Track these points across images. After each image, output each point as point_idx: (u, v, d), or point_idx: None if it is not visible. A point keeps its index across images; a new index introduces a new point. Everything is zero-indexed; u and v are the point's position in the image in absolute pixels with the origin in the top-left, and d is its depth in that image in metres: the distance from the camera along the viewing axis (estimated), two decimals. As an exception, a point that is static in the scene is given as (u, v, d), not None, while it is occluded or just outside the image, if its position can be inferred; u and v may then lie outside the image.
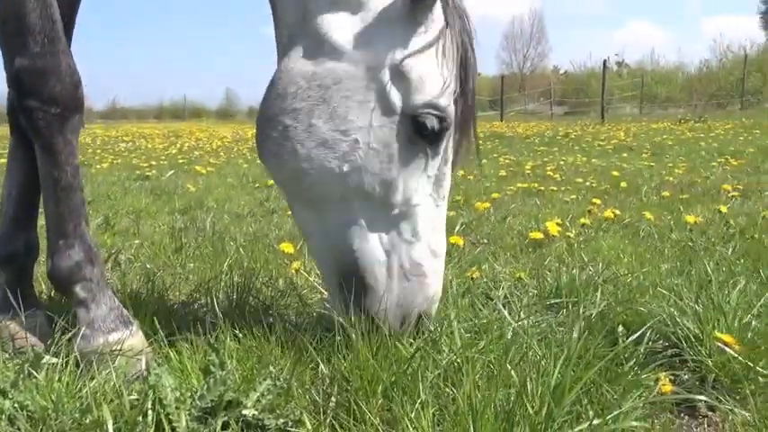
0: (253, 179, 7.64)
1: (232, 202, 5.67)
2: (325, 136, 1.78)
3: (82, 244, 1.81)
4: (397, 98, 1.80)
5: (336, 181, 1.80)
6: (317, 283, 2.51)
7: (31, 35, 1.70)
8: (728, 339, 1.85)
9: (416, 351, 1.71)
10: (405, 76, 1.79)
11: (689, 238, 3.58)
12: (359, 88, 1.79)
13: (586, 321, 2.08)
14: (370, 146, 1.79)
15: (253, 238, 3.72)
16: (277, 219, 4.74)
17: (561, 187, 6.17)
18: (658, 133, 15.15)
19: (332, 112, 1.78)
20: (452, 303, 2.22)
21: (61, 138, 1.76)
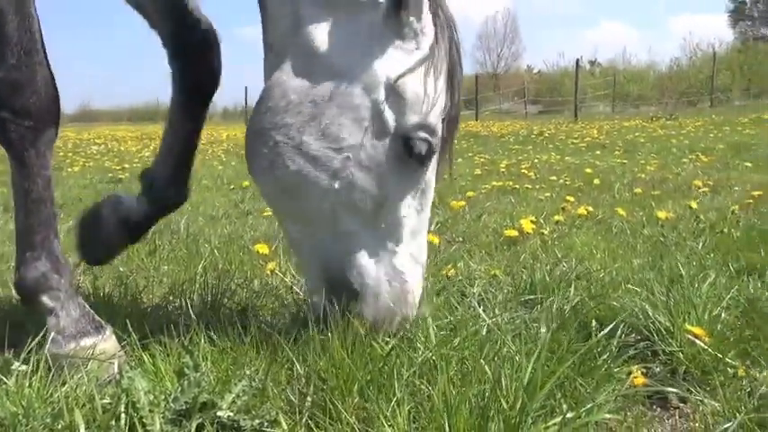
0: (228, 181, 7.60)
1: (207, 204, 5.63)
2: (316, 153, 1.77)
3: (49, 256, 1.80)
4: (391, 117, 1.80)
5: (327, 197, 1.80)
6: (293, 283, 2.51)
7: (7, 46, 1.68)
8: (699, 332, 1.88)
9: (392, 349, 1.72)
10: (399, 95, 1.79)
11: (660, 233, 3.63)
12: (353, 106, 1.78)
13: (560, 317, 2.10)
14: (362, 164, 1.79)
15: (228, 239, 3.69)
16: (252, 220, 4.72)
17: (535, 185, 6.22)
18: (630, 131, 15.34)
19: (324, 130, 1.77)
20: (428, 301, 2.23)
21: (34, 151, 1.74)
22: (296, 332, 1.93)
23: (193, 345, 1.84)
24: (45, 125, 1.75)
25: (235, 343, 1.90)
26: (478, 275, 2.78)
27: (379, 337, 1.83)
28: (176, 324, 2.12)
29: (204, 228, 4.32)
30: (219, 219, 4.81)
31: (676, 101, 37.34)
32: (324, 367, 1.70)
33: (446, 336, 1.91)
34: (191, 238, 3.65)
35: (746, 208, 4.29)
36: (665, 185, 5.97)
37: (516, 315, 2.19)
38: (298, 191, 1.80)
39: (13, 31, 1.68)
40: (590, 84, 40.85)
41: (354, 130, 1.78)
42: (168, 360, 1.74)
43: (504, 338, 1.85)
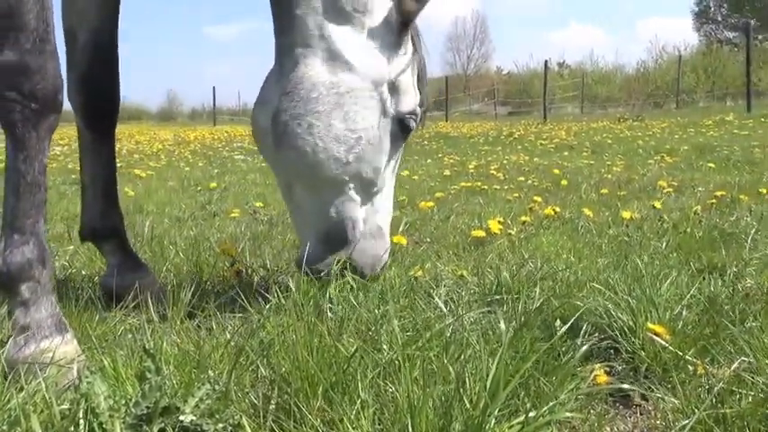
0: (195, 182, 7.54)
1: (173, 206, 5.57)
2: (339, 133, 2.28)
3: (37, 243, 1.78)
4: (391, 105, 2.40)
5: (343, 168, 2.31)
6: (259, 286, 2.50)
7: (24, 32, 1.72)
8: (660, 330, 1.92)
9: (356, 350, 1.72)
10: (396, 90, 2.40)
11: (625, 233, 3.69)
12: (366, 97, 2.32)
13: (525, 316, 2.12)
14: (370, 142, 2.33)
15: (194, 241, 3.66)
16: (219, 222, 4.69)
17: (504, 186, 6.29)
18: (598, 132, 15.57)
19: (345, 115, 2.28)
20: (394, 302, 2.24)
21: (35, 134, 1.76)
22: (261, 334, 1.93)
23: (155, 348, 1.82)
24: (49, 111, 1.78)
25: (198, 346, 1.88)
26: (445, 276, 2.80)
27: (344, 338, 1.83)
28: (139, 327, 2.11)
29: (169, 230, 4.27)
30: (185, 220, 4.77)
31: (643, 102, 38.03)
32: (288, 369, 1.69)
33: (411, 336, 1.92)
34: (155, 240, 3.60)
35: (709, 208, 4.39)
36: (630, 186, 6.08)
37: (482, 315, 2.21)
38: (322, 163, 2.29)
39: (31, 19, 1.73)
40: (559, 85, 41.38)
41: (366, 115, 2.31)
42: (129, 364, 1.72)
43: (469, 338, 1.87)
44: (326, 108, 2.27)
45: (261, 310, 2.26)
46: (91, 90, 2.50)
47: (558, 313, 2.21)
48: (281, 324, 2.04)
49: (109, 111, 2.55)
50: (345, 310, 2.19)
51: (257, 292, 2.49)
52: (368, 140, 2.32)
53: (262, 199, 5.86)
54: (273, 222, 4.64)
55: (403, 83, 2.40)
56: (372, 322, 2.06)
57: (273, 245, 3.67)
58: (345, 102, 2.28)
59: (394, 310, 2.07)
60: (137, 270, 2.60)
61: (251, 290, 2.55)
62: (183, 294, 2.42)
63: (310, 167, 2.31)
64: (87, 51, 2.48)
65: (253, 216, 4.95)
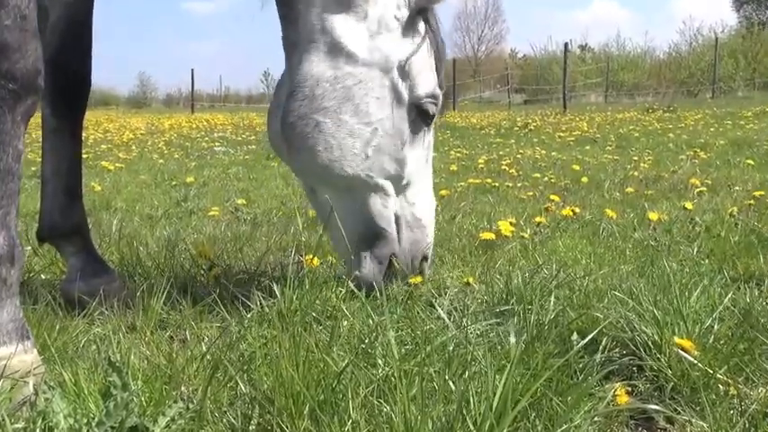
0: (169, 176, 7.55)
1: (144, 203, 5.59)
2: (352, 128, 2.42)
3: (8, 237, 1.78)
4: (405, 92, 2.51)
5: (362, 163, 2.45)
6: (239, 292, 2.50)
7: (3, 8, 1.74)
8: (688, 345, 1.93)
9: (347, 365, 1.73)
10: (408, 73, 2.51)
11: (652, 237, 3.71)
12: (376, 87, 2.45)
13: (537, 328, 2.13)
14: (387, 132, 2.47)
15: (167, 242, 3.67)
16: (196, 221, 4.70)
17: (517, 183, 6.30)
18: (624, 124, 15.60)
19: (356, 108, 2.42)
20: (391, 312, 2.25)
21: (10, 117, 1.77)
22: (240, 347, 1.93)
23: (122, 361, 1.82)
24: (27, 93, 1.79)
25: (170, 359, 1.89)
26: (449, 284, 2.81)
27: (334, 351, 1.84)
28: (103, 338, 2.11)
29: (140, 229, 4.28)
30: (158, 219, 4.78)
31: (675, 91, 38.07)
32: (271, 386, 1.70)
33: (410, 350, 1.93)
34: (124, 240, 3.61)
35: (746, 210, 4.40)
36: (659, 184, 6.09)
37: (489, 327, 2.22)
38: (339, 161, 2.43)
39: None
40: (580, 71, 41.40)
41: (379, 105, 2.45)
42: (93, 378, 1.73)
43: (474, 353, 1.88)
44: (334, 103, 2.40)
45: (241, 319, 2.27)
46: (61, 70, 2.50)
47: (575, 326, 2.22)
48: (263, 335, 2.05)
49: (79, 94, 2.56)
50: (336, 320, 2.20)
51: (237, 300, 2.49)
52: (385, 131, 2.46)
53: (244, 196, 5.87)
54: (257, 222, 4.65)
55: (415, 65, 2.51)
56: (366, 334, 2.07)
57: (257, 247, 3.68)
58: (354, 94, 2.41)
59: (390, 321, 2.08)
60: (102, 274, 2.61)
61: (230, 297, 2.55)
62: (154, 301, 2.43)
63: (326, 168, 2.45)
64: (59, 27, 2.48)
65: (234, 215, 4.96)
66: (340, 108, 2.40)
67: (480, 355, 1.88)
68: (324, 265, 3.07)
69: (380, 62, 2.46)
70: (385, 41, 2.48)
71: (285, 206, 5.14)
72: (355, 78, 2.42)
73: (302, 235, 3.83)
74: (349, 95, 2.41)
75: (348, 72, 2.42)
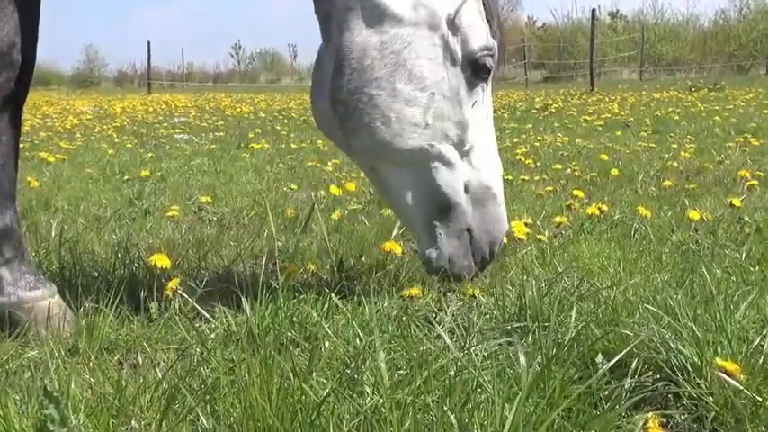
0: (121, 169, 7.53)
1: (90, 201, 5.57)
2: (408, 96, 2.56)
3: None
4: (458, 48, 2.63)
5: (425, 133, 2.60)
6: (201, 308, 2.51)
7: None
8: (733, 368, 1.94)
9: (329, 394, 1.73)
10: (459, 27, 2.62)
11: (693, 239, 3.72)
12: (426, 47, 2.58)
13: (555, 349, 2.14)
14: (445, 95, 2.62)
15: (117, 249, 3.66)
16: (152, 222, 4.69)
17: (535, 176, 6.31)
18: (662, 105, 15.63)
19: (409, 74, 2.55)
20: (382, 330, 2.25)
21: None
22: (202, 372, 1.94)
23: (61, 390, 1.82)
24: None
25: (119, 388, 1.89)
26: (452, 296, 2.82)
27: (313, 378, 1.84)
28: (39, 363, 2.11)
29: (85, 233, 4.27)
30: (107, 221, 4.77)
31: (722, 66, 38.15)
32: (238, 419, 1.71)
33: (403, 376, 1.93)
34: (66, 246, 3.60)
35: (805, 207, 4.42)
36: (702, 177, 6.11)
37: (498, 348, 2.22)
38: (399, 134, 2.58)
39: None
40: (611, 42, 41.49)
41: (433, 67, 2.59)
42: (26, 411, 1.73)
43: (480, 378, 1.88)
44: (385, 72, 2.54)
45: (204, 340, 2.27)
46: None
47: (600, 345, 2.23)
48: (229, 359, 2.05)
49: (21, 74, 2.52)
50: (316, 340, 2.20)
51: (200, 317, 2.50)
52: (442, 94, 2.62)
53: (210, 192, 5.86)
54: (224, 224, 4.65)
55: (465, 18, 2.65)
56: (352, 357, 2.07)
57: (224, 254, 3.68)
58: (405, 58, 2.56)
59: (381, 341, 2.08)
60: (38, 286, 2.60)
61: (191, 313, 2.55)
62: (100, 319, 2.43)
63: (388, 144, 2.59)
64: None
65: (197, 215, 4.95)
66: (393, 76, 2.54)
67: (487, 382, 1.89)
68: (303, 274, 3.08)
69: (427, 19, 2.58)
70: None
71: (258, 204, 5.14)
72: (404, 41, 2.56)
73: (278, 239, 3.83)
74: (400, 61, 2.55)
75: (394, 35, 2.55)
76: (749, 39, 40.25)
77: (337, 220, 4.37)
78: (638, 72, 39.03)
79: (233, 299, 2.66)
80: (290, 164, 7.79)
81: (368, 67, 2.54)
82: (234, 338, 2.25)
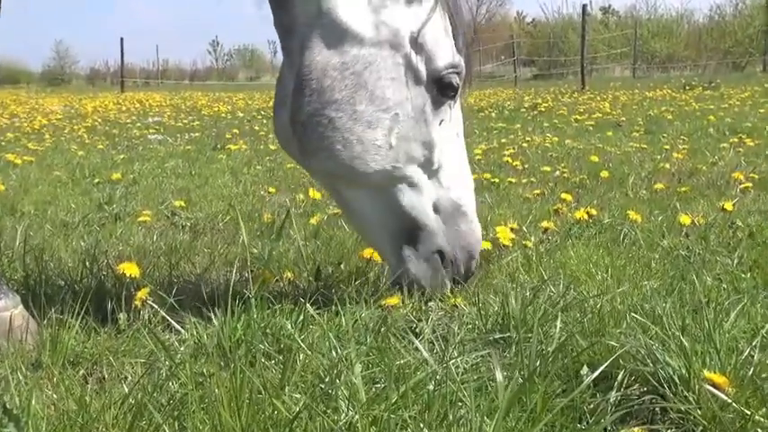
0: (91, 171, 7.50)
1: (58, 206, 5.55)
2: (369, 118, 2.58)
3: None
4: (422, 66, 2.68)
5: (388, 155, 2.63)
6: (171, 319, 2.50)
7: None
8: (721, 381, 1.94)
9: (302, 410, 1.73)
10: (423, 46, 2.67)
11: (684, 245, 3.74)
12: (389, 67, 2.61)
13: (539, 360, 2.14)
14: (409, 116, 2.65)
15: (84, 256, 3.65)
16: (123, 228, 4.67)
17: (522, 179, 6.32)
18: (655, 104, 15.70)
19: (371, 95, 2.58)
20: (358, 342, 2.25)
21: None
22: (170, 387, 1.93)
23: (21, 407, 1.81)
24: None
25: (83, 404, 1.88)
26: (433, 305, 2.82)
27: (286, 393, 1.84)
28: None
29: (52, 239, 4.25)
30: (75, 226, 4.74)
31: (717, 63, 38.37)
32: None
33: (380, 390, 1.93)
34: (31, 253, 3.58)
35: (800, 211, 4.45)
36: (695, 179, 6.15)
37: (480, 360, 2.23)
38: (361, 157, 2.60)
39: None
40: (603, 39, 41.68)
41: (396, 87, 2.62)
42: (-17, 430, 1.71)
43: (459, 393, 1.88)
44: (346, 94, 2.57)
45: (173, 353, 2.26)
46: None
47: (586, 357, 2.24)
48: (199, 373, 2.04)
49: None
50: (290, 353, 2.19)
51: (169, 329, 2.49)
52: (406, 115, 2.65)
53: (184, 196, 5.85)
54: (198, 229, 4.64)
55: (429, 35, 2.69)
56: (327, 371, 2.07)
57: (197, 261, 3.67)
58: (366, 79, 2.59)
59: (357, 354, 2.08)
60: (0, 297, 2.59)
61: (161, 325, 2.55)
62: (64, 332, 2.41)
63: (349, 167, 2.62)
64: None
65: (170, 220, 4.94)
66: (353, 98, 2.57)
67: (467, 396, 1.89)
68: (279, 283, 3.08)
69: (390, 38, 2.62)
70: (391, 13, 2.63)
71: (234, 209, 5.12)
72: (365, 61, 2.58)
73: (253, 246, 3.83)
74: (361, 82, 2.58)
75: (355, 55, 2.58)
76: (745, 35, 40.45)
77: (316, 225, 4.37)
78: (630, 69, 39.20)
79: (205, 309, 2.66)
80: (269, 166, 7.79)
81: (328, 89, 2.57)
82: (204, 351, 2.24)
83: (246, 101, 23.33)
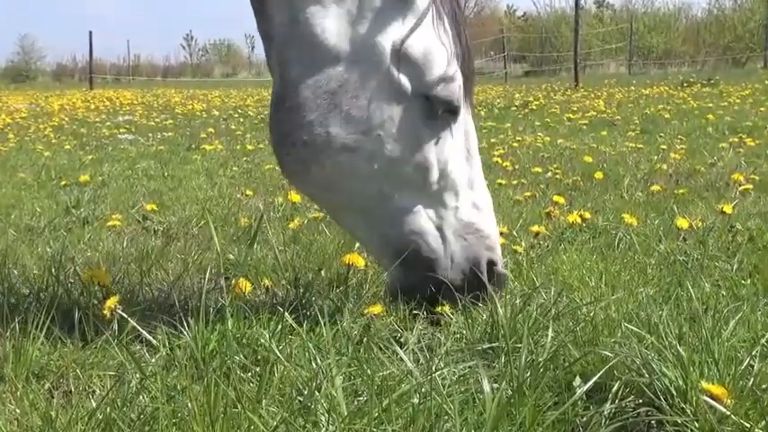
0: (57, 173, 7.47)
1: (23, 209, 5.52)
2: (346, 141, 2.48)
3: None
4: (407, 82, 2.54)
5: (371, 180, 2.54)
6: (142, 329, 2.49)
7: None
8: (720, 392, 1.95)
9: (279, 424, 1.73)
10: (409, 58, 2.53)
11: (681, 249, 3.75)
12: (366, 86, 2.49)
13: (529, 371, 2.15)
14: (395, 137, 2.53)
15: (50, 262, 3.63)
16: (91, 233, 4.65)
17: (512, 180, 6.34)
18: (651, 102, 15.77)
19: (346, 117, 2.48)
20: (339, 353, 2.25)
21: None
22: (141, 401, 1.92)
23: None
24: None
25: (48, 419, 1.87)
26: (418, 314, 2.82)
27: (263, 406, 1.83)
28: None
29: (16, 245, 4.23)
30: (41, 231, 4.72)
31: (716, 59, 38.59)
32: (178, 454, 1.70)
33: (362, 403, 1.93)
34: (-7, 261, 3.57)
35: (803, 214, 4.48)
36: (693, 181, 6.17)
37: (467, 371, 2.23)
38: (340, 184, 2.55)
39: None
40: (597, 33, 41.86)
41: (376, 107, 2.50)
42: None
43: (446, 406, 1.89)
44: (318, 116, 2.48)
45: (143, 365, 2.25)
46: None
47: (578, 367, 2.25)
48: (171, 386, 2.04)
49: None
50: (267, 365, 2.19)
51: (139, 339, 2.48)
52: (390, 136, 2.53)
53: (156, 199, 5.83)
54: (171, 234, 4.62)
55: (417, 45, 2.55)
56: (306, 383, 2.07)
57: (170, 268, 3.66)
58: (340, 100, 2.48)
59: (338, 366, 2.08)
60: None
61: (131, 336, 2.54)
62: (28, 342, 2.40)
63: (328, 191, 2.62)
64: None
65: (141, 225, 4.92)
66: (327, 120, 2.48)
67: (453, 409, 1.89)
68: (256, 291, 3.07)
69: (367, 54, 2.50)
70: (370, 25, 2.51)
71: (209, 213, 5.11)
72: (338, 80, 2.48)
73: (229, 252, 3.82)
74: (335, 102, 2.48)
75: (329, 74, 2.48)
76: (745, 30, 40.73)
77: (295, 229, 4.36)
78: (626, 65, 39.39)
79: (177, 319, 2.65)
80: (246, 167, 7.77)
81: (298, 108, 2.49)
82: (176, 363, 2.23)
83: (223, 98, 23.28)
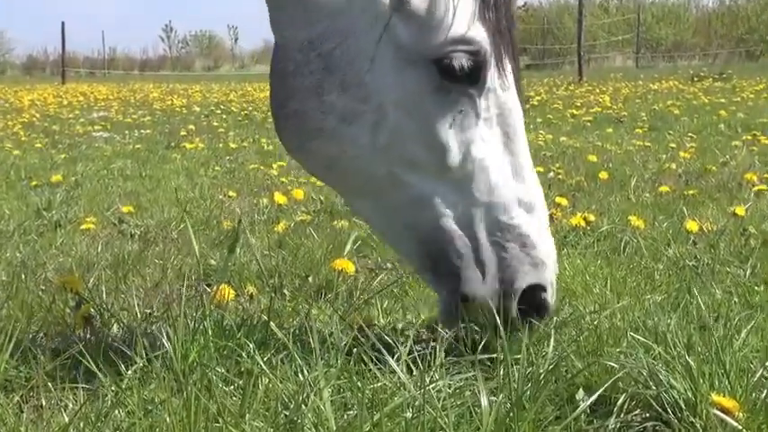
0: (28, 173, 7.45)
1: (-10, 212, 5.51)
2: (344, 110, 2.26)
3: None
4: (411, 42, 2.26)
5: (376, 157, 2.29)
6: (117, 340, 2.49)
7: None
8: (731, 405, 1.96)
9: (264, 440, 1.73)
10: (413, 13, 2.24)
11: (691, 254, 3.76)
12: (364, 45, 2.25)
13: (530, 383, 2.15)
14: (400, 105, 2.27)
15: (20, 268, 3.63)
16: (63, 237, 4.64)
17: (512, 181, 6.34)
18: (660, 97, 15.79)
19: (342, 81, 2.25)
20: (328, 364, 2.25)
21: None
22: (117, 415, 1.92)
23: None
24: None
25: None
26: (412, 323, 2.82)
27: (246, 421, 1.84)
28: None
29: (-17, 250, 4.22)
30: (10, 235, 4.71)
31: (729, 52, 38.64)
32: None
33: (352, 418, 1.93)
34: (-41, 267, 3.57)
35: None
36: (704, 181, 6.18)
37: (464, 383, 2.23)
38: (342, 160, 2.32)
39: None
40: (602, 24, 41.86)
41: (376, 71, 2.25)
42: None
43: (441, 419, 1.89)
44: (312, 81, 2.28)
45: (118, 378, 2.25)
46: None
47: (582, 379, 2.25)
48: (148, 400, 2.03)
49: None
50: (251, 377, 2.19)
51: (115, 350, 2.48)
52: (396, 104, 2.28)
53: (133, 200, 5.83)
54: (149, 238, 4.61)
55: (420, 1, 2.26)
56: (292, 396, 2.07)
57: (148, 275, 3.65)
58: (337, 62, 2.26)
59: (327, 378, 2.08)
60: None
61: (105, 346, 2.53)
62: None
63: (327, 168, 2.43)
64: None
65: (117, 228, 4.92)
66: (321, 86, 2.27)
67: (449, 423, 1.89)
68: (240, 298, 3.07)
69: (366, 5, 2.25)
70: None
71: (189, 215, 5.11)
72: (335, 38, 2.26)
73: (211, 257, 3.82)
74: (331, 65, 2.26)
75: (323, 32, 2.26)
76: (759, 21, 40.81)
77: (281, 233, 4.36)
78: (633, 58, 39.45)
79: (155, 328, 2.65)
80: (229, 167, 7.77)
81: (290, 74, 2.30)
82: (154, 375, 2.23)
83: (204, 93, 23.27)
